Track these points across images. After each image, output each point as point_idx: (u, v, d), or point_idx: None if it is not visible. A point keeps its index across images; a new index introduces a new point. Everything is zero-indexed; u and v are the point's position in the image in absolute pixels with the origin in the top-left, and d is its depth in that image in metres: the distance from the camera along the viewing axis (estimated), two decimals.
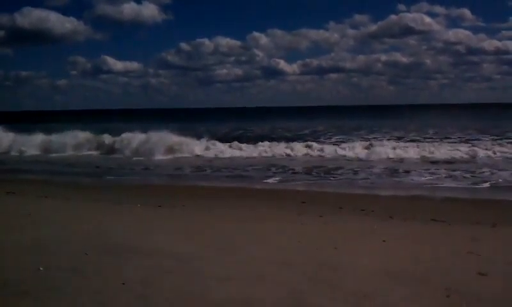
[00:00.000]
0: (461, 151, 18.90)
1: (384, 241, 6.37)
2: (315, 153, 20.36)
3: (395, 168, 16.05)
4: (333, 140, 27.83)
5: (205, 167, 17.81)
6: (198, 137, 24.74)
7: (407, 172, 15.19)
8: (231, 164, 18.46)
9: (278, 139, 26.23)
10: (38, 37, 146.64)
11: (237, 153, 21.33)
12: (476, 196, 11.40)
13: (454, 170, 15.26)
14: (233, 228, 7.42)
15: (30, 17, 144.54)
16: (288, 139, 26.71)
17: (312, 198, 10.83)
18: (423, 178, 14.04)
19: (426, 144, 22.69)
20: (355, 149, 20.43)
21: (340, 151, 20.25)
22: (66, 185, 14.02)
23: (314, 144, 22.10)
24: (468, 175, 14.19)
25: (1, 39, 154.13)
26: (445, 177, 14.09)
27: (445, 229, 7.49)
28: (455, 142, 23.96)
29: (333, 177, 14.87)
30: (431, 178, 14.11)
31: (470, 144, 22.07)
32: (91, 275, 4.80)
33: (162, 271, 4.94)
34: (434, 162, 17.29)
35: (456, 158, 17.88)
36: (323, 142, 25.21)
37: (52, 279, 4.66)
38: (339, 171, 15.80)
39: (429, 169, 15.62)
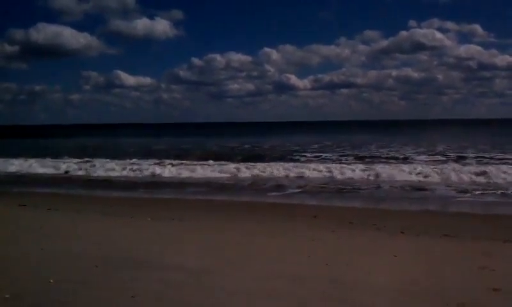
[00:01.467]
0: (472, 166, 18.69)
1: (395, 256, 6.31)
2: (325, 169, 20.08)
3: (406, 184, 15.96)
4: (341, 155, 27.76)
5: (215, 184, 17.84)
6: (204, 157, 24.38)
7: (419, 188, 15.11)
8: (240, 181, 18.47)
9: (285, 155, 26.39)
10: (52, 52, 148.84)
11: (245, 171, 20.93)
12: (487, 211, 11.29)
13: (466, 185, 15.15)
14: (244, 242, 7.40)
15: (44, 33, 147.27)
16: (296, 152, 26.85)
17: (323, 213, 10.76)
18: (435, 194, 13.97)
19: (438, 159, 22.64)
20: (364, 167, 20.24)
21: (350, 168, 20.03)
22: (76, 197, 14.12)
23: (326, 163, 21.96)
24: (479, 191, 14.06)
25: (16, 54, 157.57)
26: (457, 192, 13.99)
27: (457, 244, 7.39)
28: (467, 157, 23.82)
29: (345, 192, 14.80)
30: (443, 193, 14.04)
31: (482, 160, 22.09)
32: (101, 288, 4.81)
33: (172, 285, 4.93)
34: (445, 178, 17.12)
35: (465, 173, 17.65)
36: (331, 158, 25.36)
37: (62, 292, 4.67)
38: (350, 187, 15.73)
39: (440, 185, 15.51)
